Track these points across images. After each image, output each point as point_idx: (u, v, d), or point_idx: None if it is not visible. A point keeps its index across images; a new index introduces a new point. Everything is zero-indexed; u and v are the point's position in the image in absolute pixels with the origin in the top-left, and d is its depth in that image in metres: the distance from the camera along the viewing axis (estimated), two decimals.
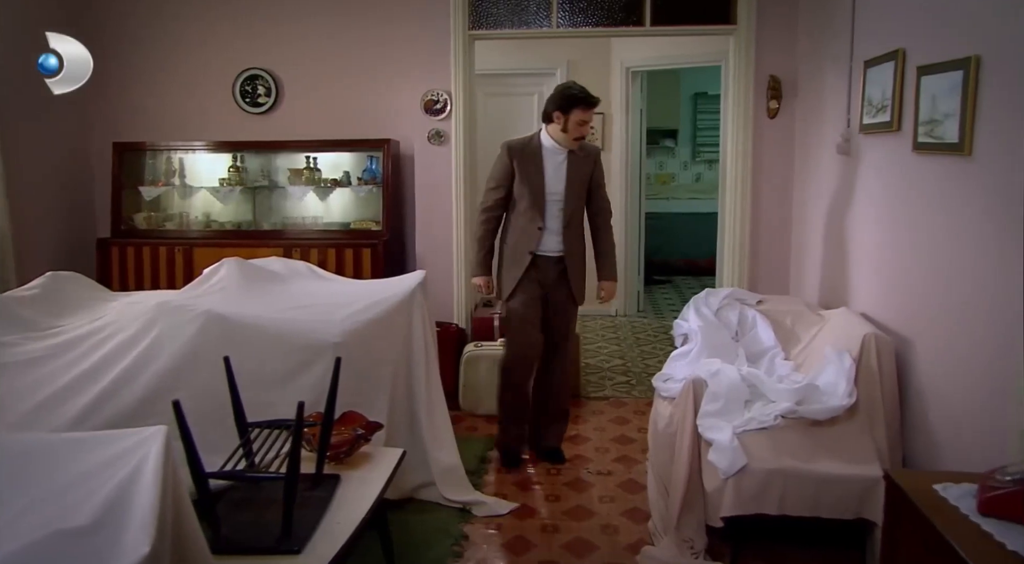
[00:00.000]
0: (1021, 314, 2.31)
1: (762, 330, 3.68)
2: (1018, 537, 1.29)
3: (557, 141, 3.71)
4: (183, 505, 1.64)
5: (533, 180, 3.69)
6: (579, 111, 3.61)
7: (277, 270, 3.86)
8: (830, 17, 4.16)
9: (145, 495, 1.48)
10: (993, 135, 2.54)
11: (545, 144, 3.73)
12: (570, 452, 4.07)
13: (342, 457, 2.72)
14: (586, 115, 3.63)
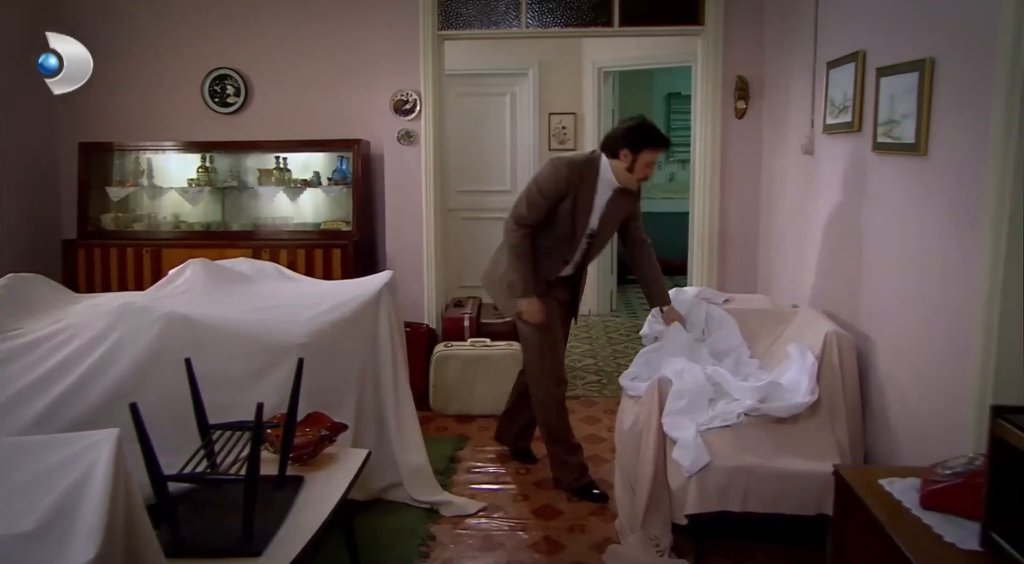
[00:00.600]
0: (975, 310, 2.35)
1: (728, 329, 3.71)
2: (956, 529, 1.31)
3: (617, 178, 3.43)
4: (135, 509, 1.62)
5: (581, 211, 3.43)
6: (650, 152, 3.34)
7: (244, 271, 3.83)
8: (795, 19, 4.20)
9: (93, 500, 1.47)
10: (947, 135, 2.58)
11: (603, 176, 3.44)
12: (539, 451, 4.08)
13: (306, 458, 2.71)
14: (656, 155, 3.38)
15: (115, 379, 2.83)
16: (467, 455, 4.09)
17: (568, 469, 3.62)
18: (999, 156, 2.25)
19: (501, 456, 4.06)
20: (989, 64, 2.29)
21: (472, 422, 4.57)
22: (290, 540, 2.25)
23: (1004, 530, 1.22)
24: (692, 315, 3.80)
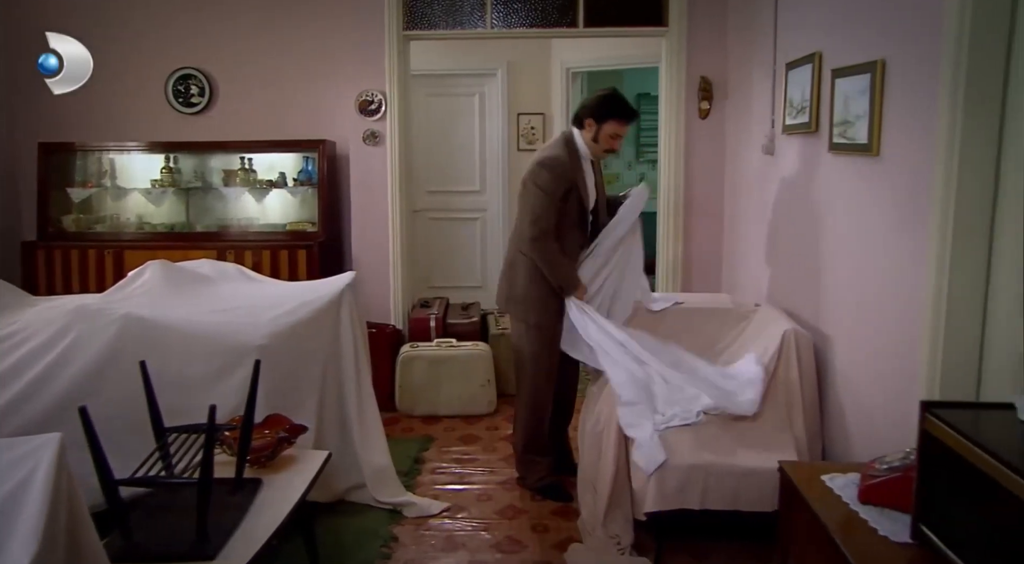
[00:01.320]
0: (923, 309, 2.40)
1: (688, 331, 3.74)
2: (891, 523, 1.34)
3: (592, 152, 3.46)
4: (79, 514, 1.61)
5: (583, 193, 3.44)
6: (614, 123, 3.34)
7: (206, 273, 3.80)
8: (756, 20, 4.25)
9: (33, 505, 1.45)
10: (897, 136, 2.63)
11: (581, 151, 3.44)
12: (505, 451, 4.09)
13: (264, 461, 2.70)
14: (620, 128, 3.36)
15: (69, 382, 2.80)
16: (432, 456, 4.08)
17: (536, 469, 3.63)
18: (944, 157, 2.29)
19: (466, 456, 4.06)
20: (936, 67, 2.33)
21: (438, 422, 4.57)
22: (246, 543, 2.24)
23: (933, 522, 1.25)
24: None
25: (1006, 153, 2.22)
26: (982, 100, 2.22)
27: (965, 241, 2.29)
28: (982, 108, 2.22)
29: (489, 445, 4.22)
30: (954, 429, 1.18)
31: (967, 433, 1.16)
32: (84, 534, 1.61)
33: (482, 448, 4.17)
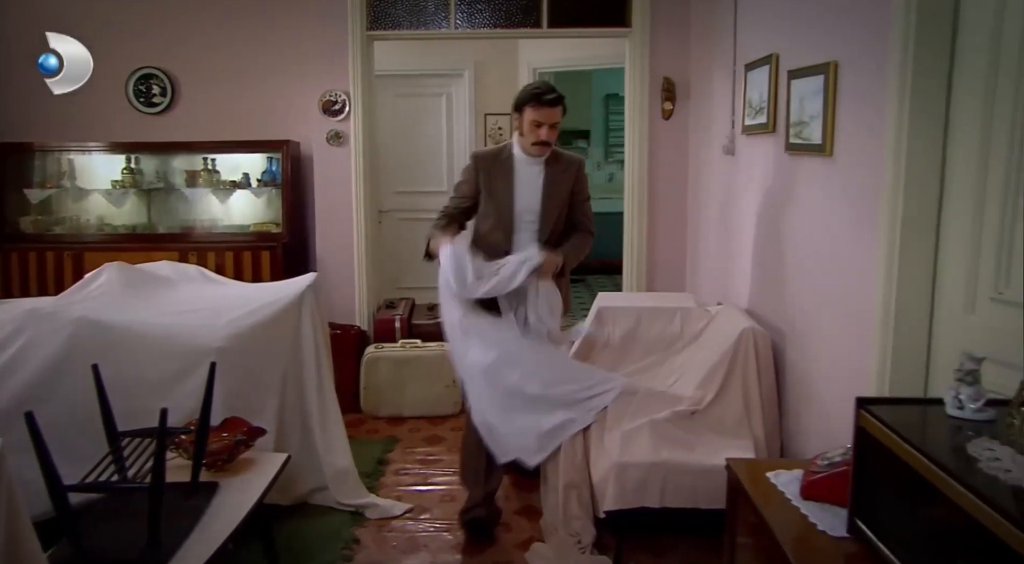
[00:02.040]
0: (874, 306, 2.43)
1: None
2: (830, 518, 1.36)
3: (524, 151, 3.19)
4: (18, 522, 1.58)
5: (500, 195, 3.19)
6: (531, 109, 3.07)
7: (166, 274, 3.76)
8: (717, 22, 4.29)
9: None
10: (849, 137, 2.67)
11: (516, 154, 3.21)
12: None
13: (221, 464, 2.67)
14: (540, 114, 3.06)
15: (20, 386, 2.76)
16: (396, 457, 4.07)
17: (467, 498, 3.33)
18: (892, 157, 2.33)
19: (430, 457, 4.05)
20: (884, 70, 2.37)
21: (403, 423, 4.55)
22: (199, 547, 2.22)
23: (868, 517, 1.27)
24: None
25: (951, 153, 2.27)
26: (928, 102, 2.26)
27: (913, 239, 2.33)
28: (928, 109, 2.26)
29: (454, 446, 4.20)
30: (885, 424, 1.20)
31: (896, 428, 1.19)
32: (24, 545, 1.58)
33: (447, 449, 4.17)
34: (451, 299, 3.18)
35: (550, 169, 3.22)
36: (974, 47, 2.17)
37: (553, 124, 3.11)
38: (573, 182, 3.28)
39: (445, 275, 3.12)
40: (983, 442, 1.12)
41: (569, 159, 3.31)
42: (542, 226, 3.23)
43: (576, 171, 3.30)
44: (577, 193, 3.31)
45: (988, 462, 1.04)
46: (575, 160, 3.34)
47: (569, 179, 3.27)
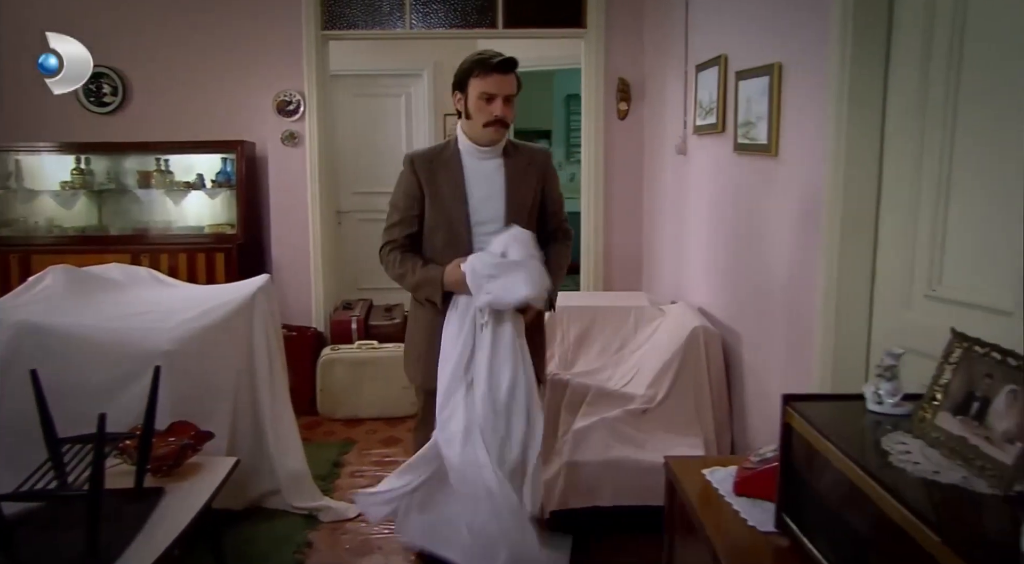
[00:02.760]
0: (817, 303, 2.48)
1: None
2: (760, 513, 1.38)
3: (474, 140, 2.54)
4: None
5: (450, 202, 2.54)
6: (477, 81, 2.45)
7: (115, 277, 3.70)
8: (669, 23, 4.33)
9: None
10: (793, 136, 2.71)
11: (463, 148, 2.57)
12: None
13: (166, 469, 2.63)
14: (489, 84, 2.44)
15: None
16: (352, 459, 4.05)
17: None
18: (832, 156, 2.38)
19: (386, 458, 4.04)
20: (824, 70, 2.41)
21: (360, 425, 4.53)
22: (142, 554, 2.18)
23: (794, 511, 1.29)
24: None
25: (888, 153, 2.32)
26: (865, 103, 2.31)
27: (852, 238, 2.38)
28: (865, 111, 2.31)
29: (410, 447, 4.19)
30: (807, 421, 1.23)
31: (817, 424, 1.21)
32: None
33: (403, 450, 4.14)
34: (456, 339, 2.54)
35: (511, 162, 2.58)
36: (907, 50, 2.21)
37: (508, 96, 2.47)
38: (542, 178, 2.67)
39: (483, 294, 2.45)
40: (897, 436, 1.15)
41: (533, 150, 2.71)
42: (520, 222, 2.56)
43: (543, 164, 2.70)
44: (548, 192, 2.71)
45: (899, 455, 1.07)
46: (540, 151, 2.75)
47: (535, 173, 2.65)
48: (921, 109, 2.17)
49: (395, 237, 2.64)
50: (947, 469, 1.02)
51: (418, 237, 2.65)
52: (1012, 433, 0.97)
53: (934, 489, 0.98)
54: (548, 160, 2.74)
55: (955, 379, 1.11)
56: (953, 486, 0.98)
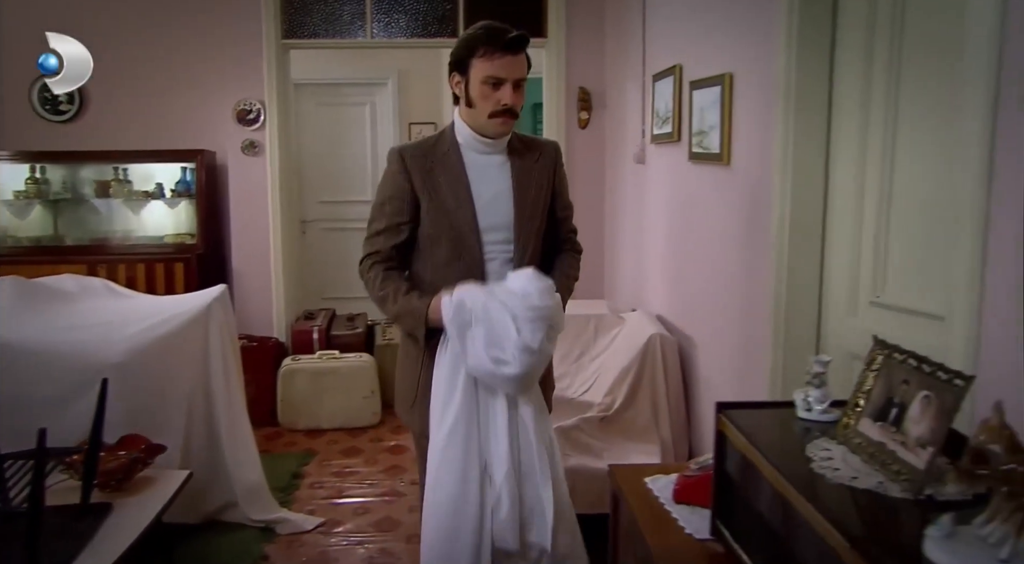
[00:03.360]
0: (767, 310, 2.51)
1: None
2: (698, 520, 1.39)
3: (478, 131, 2.12)
4: None
5: (453, 205, 2.11)
6: (482, 61, 2.03)
7: (67, 288, 3.63)
8: (628, 33, 4.37)
9: None
10: (744, 145, 2.74)
11: (462, 140, 2.15)
12: (387, 462, 4.07)
13: (115, 484, 2.59)
14: (498, 66, 2.02)
15: None
16: (312, 470, 4.01)
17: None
18: (780, 166, 2.41)
19: (346, 469, 4.01)
20: (773, 80, 2.45)
21: (322, 436, 4.49)
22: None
23: (728, 518, 1.30)
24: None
25: (833, 163, 2.35)
26: (811, 113, 2.34)
27: (801, 246, 2.41)
28: (811, 121, 2.35)
29: (371, 457, 4.17)
30: (738, 428, 1.24)
31: (746, 431, 1.22)
32: None
33: (364, 461, 4.13)
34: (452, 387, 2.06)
35: (518, 159, 2.19)
36: (850, 61, 2.26)
37: (518, 81, 2.06)
38: (552, 177, 2.28)
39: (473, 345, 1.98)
40: (822, 442, 1.16)
41: (541, 143, 2.30)
42: (518, 249, 2.15)
43: (554, 160, 2.30)
44: (559, 195, 2.33)
45: (820, 462, 1.08)
46: (549, 145, 2.32)
47: (546, 172, 2.24)
48: (864, 119, 2.21)
49: (379, 248, 2.18)
50: (865, 474, 1.04)
51: (406, 249, 2.21)
52: (925, 438, 0.98)
53: (850, 495, 0.99)
54: (559, 156, 2.32)
55: (876, 386, 1.13)
56: (868, 491, 1.00)
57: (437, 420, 2.07)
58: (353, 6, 4.87)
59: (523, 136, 2.28)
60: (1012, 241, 1.46)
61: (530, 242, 2.17)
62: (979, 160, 1.52)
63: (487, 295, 1.99)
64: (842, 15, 2.29)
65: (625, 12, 4.41)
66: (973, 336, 1.55)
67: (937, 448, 0.97)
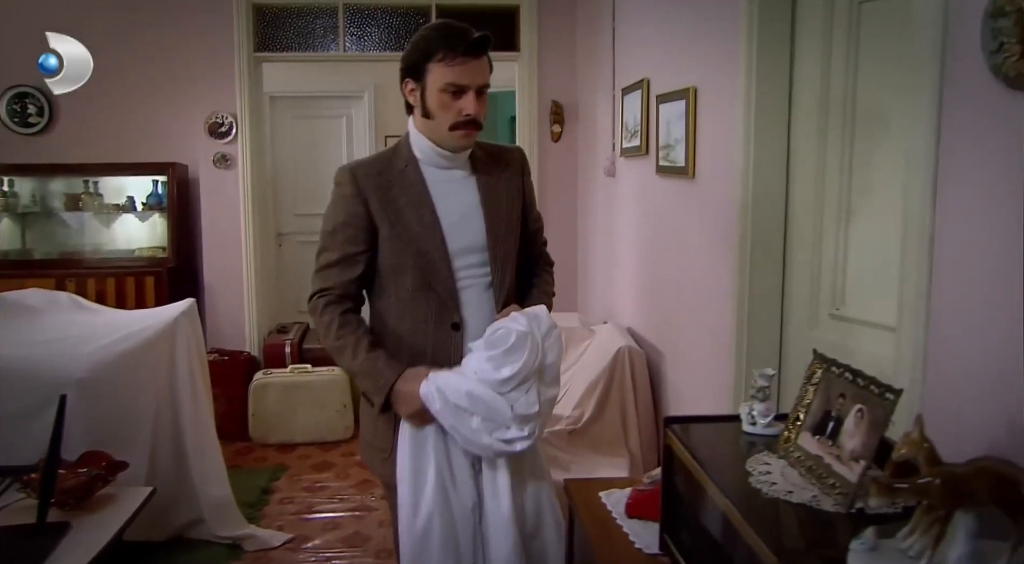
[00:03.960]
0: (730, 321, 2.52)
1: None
2: (648, 535, 1.39)
3: (438, 144, 1.90)
4: None
5: (417, 229, 1.88)
6: (441, 67, 1.81)
7: (32, 303, 3.59)
8: (599, 47, 4.39)
9: None
10: (708, 159, 2.76)
11: (421, 155, 1.93)
12: (359, 477, 4.04)
13: (73, 502, 2.54)
14: (459, 73, 1.81)
15: None
16: (282, 485, 3.98)
17: None
18: (742, 180, 2.43)
19: (317, 484, 3.97)
20: (734, 95, 2.47)
21: (293, 450, 4.46)
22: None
23: (675, 533, 1.30)
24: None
25: (793, 177, 2.38)
26: (770, 128, 2.37)
27: (762, 259, 2.43)
28: (770, 135, 2.37)
29: (343, 472, 4.14)
30: (682, 442, 1.24)
31: (691, 445, 1.23)
32: None
33: (335, 475, 4.10)
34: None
35: (483, 172, 1.98)
36: (810, 77, 2.28)
37: (481, 87, 1.86)
38: (522, 187, 2.07)
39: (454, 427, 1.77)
40: (763, 457, 1.17)
41: (506, 151, 2.09)
42: (496, 271, 1.93)
43: (521, 168, 2.08)
44: (529, 207, 2.12)
45: (758, 476, 1.09)
46: (514, 152, 2.12)
47: (514, 183, 2.03)
48: (823, 134, 2.24)
49: (332, 283, 1.91)
50: (801, 488, 1.04)
51: (362, 283, 1.95)
52: (858, 451, 0.99)
53: (784, 509, 1.00)
54: (525, 163, 2.10)
55: (815, 399, 1.14)
56: (802, 505, 1.00)
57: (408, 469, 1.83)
58: (326, 20, 4.88)
59: (484, 144, 2.05)
60: (958, 252, 1.48)
61: (508, 263, 1.94)
62: (925, 174, 1.54)
63: (462, 379, 1.76)
64: (800, 30, 2.32)
65: (596, 26, 4.44)
66: (921, 347, 1.56)
67: (868, 461, 0.97)
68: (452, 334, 1.87)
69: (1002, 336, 1.36)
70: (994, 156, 1.38)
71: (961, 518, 0.87)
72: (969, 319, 1.45)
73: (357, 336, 1.88)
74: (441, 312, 1.88)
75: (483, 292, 1.92)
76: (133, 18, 5.08)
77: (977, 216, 1.43)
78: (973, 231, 1.44)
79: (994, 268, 1.38)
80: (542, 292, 2.12)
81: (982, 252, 1.41)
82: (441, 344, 1.88)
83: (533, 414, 1.72)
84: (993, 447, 1.33)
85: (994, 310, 1.37)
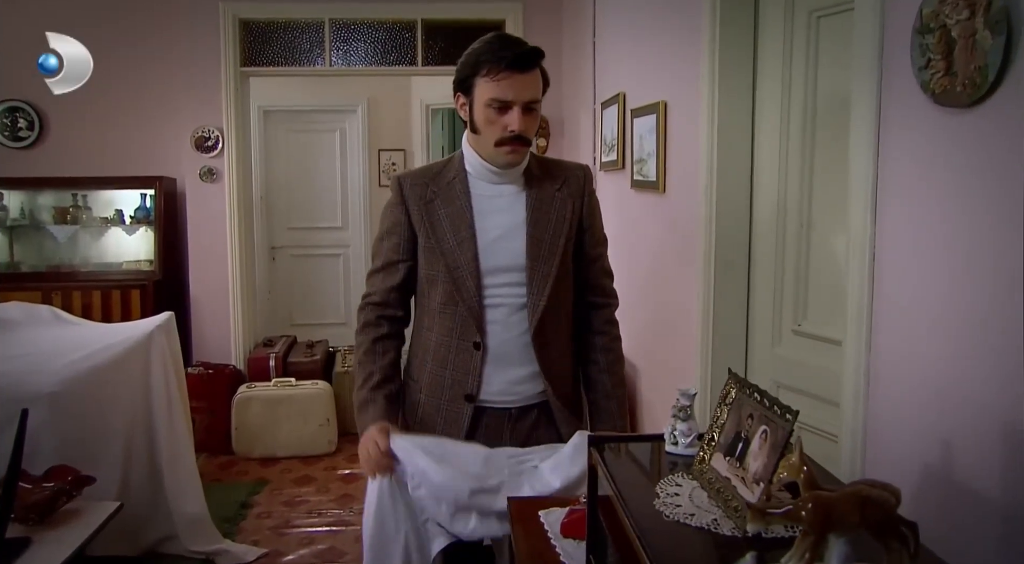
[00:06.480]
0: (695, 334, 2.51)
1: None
2: (580, 555, 1.37)
3: (486, 159, 1.85)
4: None
5: (450, 243, 1.86)
6: (486, 81, 1.76)
7: (12, 317, 3.60)
8: (581, 61, 4.40)
9: None
10: (678, 173, 2.76)
11: (471, 168, 1.89)
12: (339, 491, 4.02)
13: (35, 517, 2.53)
14: (504, 88, 1.74)
15: None
16: (262, 499, 3.96)
17: None
18: (705, 195, 2.42)
19: (297, 498, 3.96)
20: (700, 110, 2.46)
21: (276, 464, 4.44)
22: None
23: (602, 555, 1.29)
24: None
25: (757, 194, 2.37)
26: (734, 143, 2.36)
27: (727, 275, 2.42)
28: (735, 151, 2.37)
29: (324, 486, 4.13)
30: (603, 462, 1.23)
31: (610, 465, 1.21)
32: None
33: (316, 489, 4.08)
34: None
35: (536, 188, 1.90)
36: (771, 92, 2.28)
37: (530, 103, 1.79)
38: (580, 209, 1.95)
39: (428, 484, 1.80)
40: (676, 478, 1.15)
41: (567, 169, 2.00)
42: (532, 293, 1.86)
43: (582, 188, 1.97)
44: (589, 229, 1.99)
45: (665, 498, 1.07)
46: (577, 169, 2.01)
47: (569, 203, 1.92)
48: (784, 149, 2.23)
49: (374, 289, 1.94)
50: (704, 511, 1.03)
51: (405, 290, 1.94)
52: (759, 474, 0.97)
53: (682, 532, 0.98)
54: (588, 182, 1.99)
55: (728, 420, 1.12)
56: (701, 529, 0.99)
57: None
58: (312, 34, 4.90)
59: (544, 159, 2.02)
60: (897, 267, 1.47)
61: (547, 286, 1.84)
62: (866, 189, 1.54)
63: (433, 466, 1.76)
64: (762, 46, 2.32)
65: (579, 41, 4.45)
66: (863, 362, 1.55)
67: (766, 484, 0.96)
68: (473, 353, 1.84)
69: (941, 352, 1.34)
70: (929, 172, 1.37)
71: (835, 543, 0.85)
72: (909, 334, 1.44)
73: (371, 370, 1.90)
74: (465, 329, 1.85)
75: (514, 313, 1.86)
76: (120, 34, 5.11)
77: (913, 232, 1.42)
78: (910, 247, 1.43)
79: (931, 284, 1.37)
80: (612, 376, 2.06)
81: (919, 268, 1.40)
82: (461, 361, 1.86)
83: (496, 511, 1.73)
84: (934, 462, 1.31)
85: (933, 325, 1.36)
